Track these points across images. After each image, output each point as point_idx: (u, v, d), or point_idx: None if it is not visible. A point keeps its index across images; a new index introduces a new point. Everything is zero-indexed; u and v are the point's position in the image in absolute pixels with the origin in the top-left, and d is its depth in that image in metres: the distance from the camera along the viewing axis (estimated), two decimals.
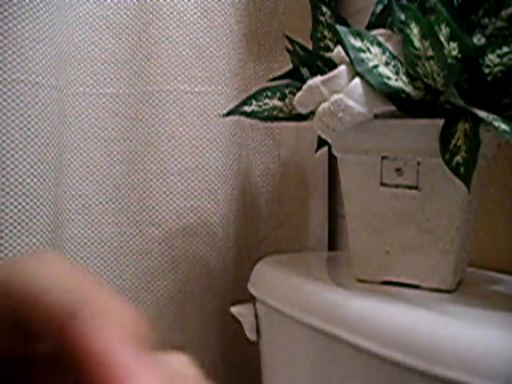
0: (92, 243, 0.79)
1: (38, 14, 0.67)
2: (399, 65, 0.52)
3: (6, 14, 0.65)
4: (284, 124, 0.84)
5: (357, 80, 0.52)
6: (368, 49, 0.52)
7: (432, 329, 0.43)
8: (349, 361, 0.50)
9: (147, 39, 0.79)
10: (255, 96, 0.65)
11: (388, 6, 0.60)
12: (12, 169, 0.66)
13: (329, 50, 0.63)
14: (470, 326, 0.43)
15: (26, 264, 0.16)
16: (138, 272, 0.80)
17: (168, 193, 0.80)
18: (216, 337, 0.84)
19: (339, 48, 0.55)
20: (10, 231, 0.66)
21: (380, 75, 0.51)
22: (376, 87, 0.51)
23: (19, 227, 0.67)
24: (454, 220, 0.52)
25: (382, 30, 0.56)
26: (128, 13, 0.80)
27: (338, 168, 0.59)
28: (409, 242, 0.55)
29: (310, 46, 0.66)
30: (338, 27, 0.52)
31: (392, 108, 0.53)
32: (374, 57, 0.52)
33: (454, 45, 0.48)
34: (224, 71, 0.83)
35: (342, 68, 0.53)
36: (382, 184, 0.55)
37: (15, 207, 0.67)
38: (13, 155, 0.66)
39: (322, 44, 0.65)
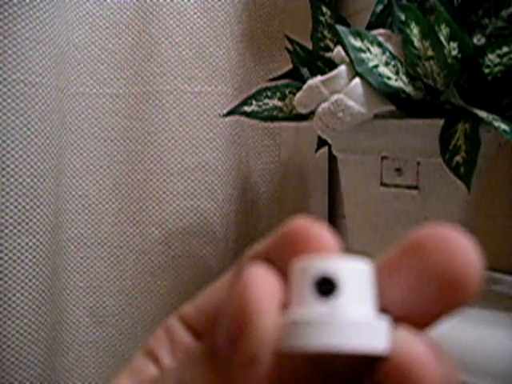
0: (92, 243, 0.79)
1: (38, 14, 0.67)
2: (399, 65, 0.52)
3: (6, 14, 0.65)
4: (284, 124, 0.84)
5: (357, 80, 0.52)
6: (368, 49, 0.52)
7: (432, 329, 0.43)
8: None
9: (147, 39, 0.79)
10: (255, 96, 0.65)
11: (388, 5, 0.60)
12: (12, 169, 0.66)
13: (329, 50, 0.63)
14: (470, 326, 0.43)
15: None
16: (138, 272, 0.80)
17: (168, 193, 0.80)
18: None
19: (339, 48, 0.55)
20: (10, 231, 0.66)
21: (380, 75, 0.51)
22: (376, 87, 0.51)
23: (19, 227, 0.67)
24: (453, 220, 0.52)
25: (381, 30, 0.56)
26: (128, 13, 0.80)
27: (338, 168, 0.59)
28: None
29: (310, 46, 0.66)
30: (338, 27, 0.52)
31: (392, 108, 0.53)
32: (374, 57, 0.52)
33: (453, 45, 0.48)
34: (224, 71, 0.83)
35: (342, 68, 0.53)
36: (382, 184, 0.55)
37: (15, 207, 0.67)
38: (13, 155, 0.66)
39: (322, 44, 0.65)
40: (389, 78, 0.51)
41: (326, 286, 0.15)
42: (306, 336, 0.14)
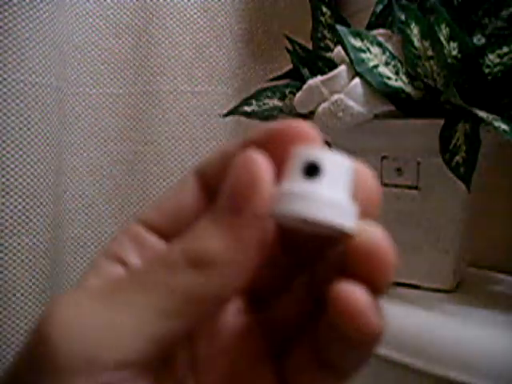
0: (92, 243, 0.79)
1: (38, 13, 0.67)
2: (399, 65, 0.52)
3: (6, 14, 0.65)
4: None
5: (357, 80, 0.52)
6: (368, 49, 0.52)
7: (432, 329, 0.43)
8: None
9: (147, 39, 0.79)
10: (255, 96, 0.65)
11: (388, 5, 0.60)
12: (12, 169, 0.66)
13: (329, 50, 0.63)
14: (469, 326, 0.43)
15: None
16: None
17: None
18: None
19: (339, 48, 0.55)
20: (10, 231, 0.66)
21: (380, 75, 0.51)
22: (376, 87, 0.51)
23: (19, 227, 0.67)
24: (454, 220, 0.52)
25: (381, 30, 0.56)
26: (128, 13, 0.80)
27: None
28: (409, 242, 0.55)
29: (310, 46, 0.66)
30: (338, 27, 0.52)
31: (392, 108, 0.53)
32: (374, 57, 0.52)
33: (454, 45, 0.48)
34: (224, 71, 0.83)
35: (342, 68, 0.53)
36: (382, 184, 0.55)
37: (15, 207, 0.67)
38: (13, 155, 0.66)
39: (322, 44, 0.65)
40: (389, 78, 0.51)
41: (313, 170, 0.18)
42: (289, 205, 0.17)
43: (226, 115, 0.67)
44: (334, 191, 0.18)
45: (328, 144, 0.64)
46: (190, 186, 0.21)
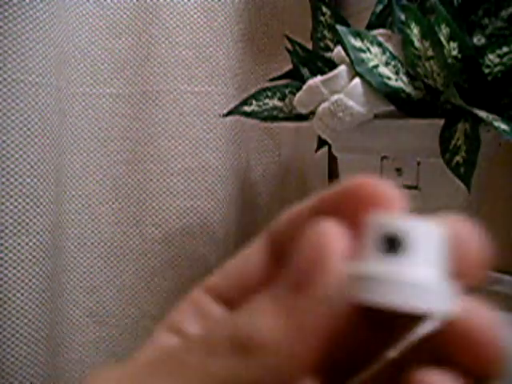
0: (92, 243, 0.79)
1: (38, 14, 0.67)
2: (399, 65, 0.52)
3: (6, 14, 0.65)
4: (284, 124, 0.84)
5: (357, 80, 0.52)
6: (368, 49, 0.52)
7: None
8: None
9: (147, 39, 0.79)
10: (255, 96, 0.65)
11: (388, 5, 0.60)
12: (12, 169, 0.66)
13: (329, 50, 0.63)
14: None
15: None
16: (138, 272, 0.80)
17: (168, 193, 0.80)
18: None
19: (339, 48, 0.55)
20: (10, 231, 0.66)
21: (380, 75, 0.51)
22: (376, 87, 0.51)
23: (19, 227, 0.67)
24: None
25: (381, 30, 0.56)
26: (128, 13, 0.80)
27: (338, 168, 0.59)
28: None
29: (310, 46, 0.66)
30: (338, 27, 0.52)
31: (392, 108, 0.53)
32: (374, 57, 0.52)
33: (454, 45, 0.48)
34: (224, 71, 0.82)
35: (342, 68, 0.53)
36: None
37: (15, 207, 0.67)
38: (13, 155, 0.66)
39: (322, 44, 0.65)
40: (389, 78, 0.51)
41: (393, 244, 0.15)
42: (366, 290, 0.14)
43: (226, 115, 0.67)
44: (422, 269, 0.15)
45: (328, 145, 0.64)
46: (258, 249, 0.19)
